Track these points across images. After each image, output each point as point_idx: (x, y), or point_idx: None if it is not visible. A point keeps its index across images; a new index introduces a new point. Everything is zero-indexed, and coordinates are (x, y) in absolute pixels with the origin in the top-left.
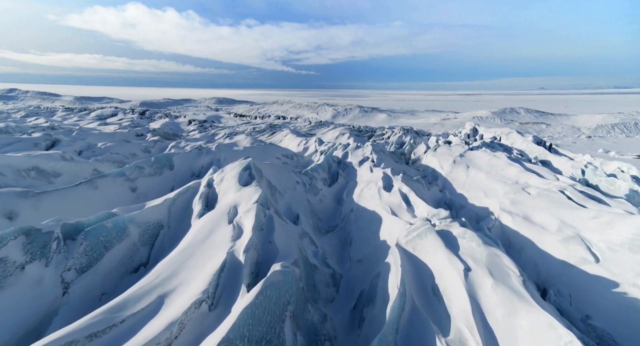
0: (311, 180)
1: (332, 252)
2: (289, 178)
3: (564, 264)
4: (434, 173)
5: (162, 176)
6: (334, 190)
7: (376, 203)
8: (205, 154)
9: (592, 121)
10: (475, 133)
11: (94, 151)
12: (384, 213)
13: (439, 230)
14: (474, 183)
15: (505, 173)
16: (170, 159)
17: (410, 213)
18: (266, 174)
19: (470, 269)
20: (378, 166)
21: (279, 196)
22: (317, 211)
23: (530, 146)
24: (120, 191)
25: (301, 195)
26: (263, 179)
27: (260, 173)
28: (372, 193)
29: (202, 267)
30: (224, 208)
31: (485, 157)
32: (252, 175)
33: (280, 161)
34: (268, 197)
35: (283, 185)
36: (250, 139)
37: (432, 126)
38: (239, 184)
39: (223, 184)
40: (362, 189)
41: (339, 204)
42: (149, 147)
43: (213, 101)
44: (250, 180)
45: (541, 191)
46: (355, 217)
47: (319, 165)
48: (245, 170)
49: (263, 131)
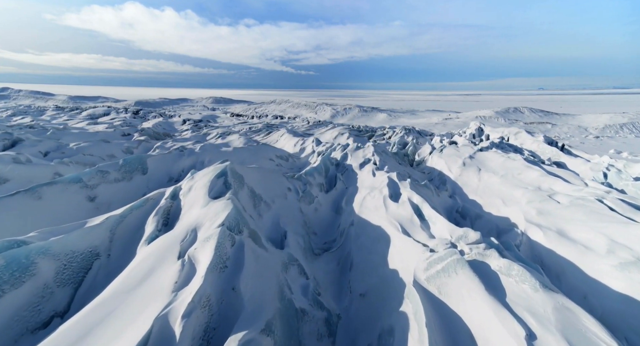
0: (305, 186)
1: (327, 281)
2: (278, 184)
3: (628, 301)
4: (441, 176)
5: (132, 181)
6: (331, 197)
7: (381, 215)
8: (187, 155)
9: (599, 120)
10: (481, 133)
11: (63, 152)
12: (392, 229)
13: (470, 260)
14: (488, 188)
15: (523, 177)
16: (143, 161)
17: (426, 231)
18: (249, 180)
19: (536, 337)
20: (381, 170)
21: (265, 207)
22: (312, 222)
23: (541, 146)
24: (74, 202)
25: (292, 205)
26: (244, 187)
27: (240, 179)
28: (377, 203)
29: (117, 338)
30: (180, 232)
31: (498, 159)
32: (228, 183)
33: (274, 162)
34: (242, 215)
35: (271, 193)
36: (243, 139)
37: (434, 126)
38: (208, 196)
39: (190, 195)
40: (364, 197)
41: (337, 213)
42: (131, 148)
43: (210, 100)
44: (224, 190)
45: (573, 199)
46: (357, 233)
47: (314, 168)
48: (220, 177)
49: (259, 130)
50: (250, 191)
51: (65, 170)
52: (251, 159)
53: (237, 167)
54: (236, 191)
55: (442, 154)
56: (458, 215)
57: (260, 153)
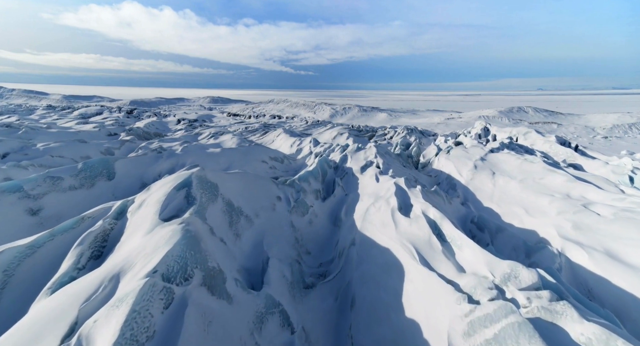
0: (298, 194)
1: (321, 328)
2: (265, 192)
3: None
4: (449, 179)
5: (94, 189)
6: (328, 206)
7: (390, 234)
8: (165, 158)
9: (606, 120)
10: (487, 133)
11: (26, 154)
12: (406, 255)
13: (532, 319)
14: (505, 194)
15: (547, 182)
16: (109, 165)
17: (451, 260)
18: (227, 190)
19: None
20: (385, 174)
21: (245, 223)
22: (305, 239)
23: (554, 147)
24: (9, 216)
25: (282, 218)
26: (217, 200)
27: (213, 190)
28: (383, 217)
29: None
30: (95, 279)
31: (514, 161)
32: (191, 197)
33: (267, 165)
34: (198, 248)
35: (255, 205)
36: (236, 140)
37: (436, 126)
38: (159, 217)
39: (139, 214)
40: (367, 208)
41: (335, 226)
42: (112, 148)
43: (207, 100)
44: (185, 206)
45: (618, 211)
46: (359, 256)
47: (309, 173)
48: (180, 189)
49: (255, 130)
50: (227, 203)
51: (20, 174)
52: (241, 162)
53: (210, 174)
54: (203, 206)
55: (450, 156)
56: (474, 226)
57: (252, 155)
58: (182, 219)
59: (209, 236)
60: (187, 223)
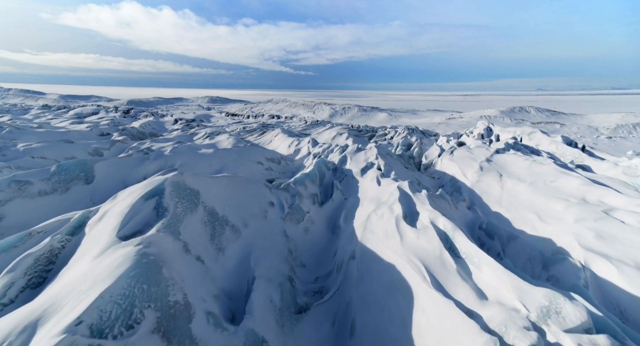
0: (294, 198)
1: None
2: (257, 198)
3: None
4: (454, 182)
5: (68, 194)
6: (326, 211)
7: (395, 247)
8: (152, 159)
9: (610, 120)
10: (490, 133)
11: (5, 155)
12: (414, 275)
13: None
14: (514, 198)
15: (559, 185)
16: (88, 167)
17: (468, 282)
18: (210, 197)
19: None
20: (387, 176)
21: (231, 235)
22: (299, 249)
23: (560, 147)
24: None
25: (274, 226)
26: (198, 209)
27: (193, 198)
28: (386, 226)
29: None
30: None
31: (522, 162)
32: (162, 208)
33: (263, 166)
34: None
35: (243, 213)
36: (233, 140)
37: (436, 126)
38: (116, 234)
39: (97, 228)
40: (368, 215)
41: (333, 233)
42: (101, 149)
43: (206, 100)
44: (154, 219)
45: None
46: (360, 272)
47: (306, 175)
48: (149, 198)
49: (253, 130)
50: (209, 213)
51: None
52: (235, 163)
53: (190, 179)
54: (178, 218)
55: (454, 157)
56: (482, 233)
57: (248, 155)
58: (142, 238)
59: (181, 256)
60: (147, 243)
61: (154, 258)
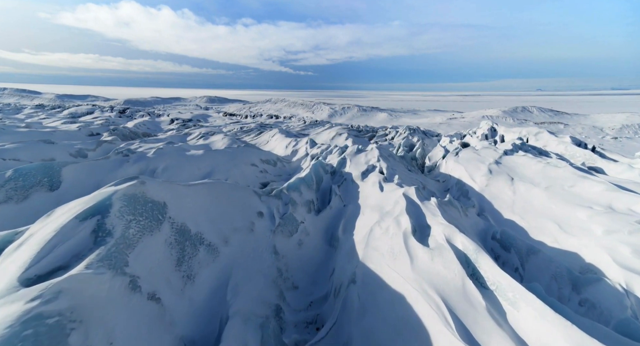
0: (287, 207)
1: None
2: (243, 207)
3: None
4: (460, 185)
5: (26, 203)
6: (323, 220)
7: (404, 271)
8: (132, 162)
9: (615, 120)
10: (494, 133)
11: None
12: (430, 313)
13: None
14: (529, 204)
15: (579, 190)
16: (54, 171)
17: (504, 328)
18: (181, 210)
19: None
20: (390, 181)
21: (206, 256)
22: (291, 268)
23: (570, 148)
24: None
25: (261, 242)
26: (162, 226)
27: (158, 212)
28: (393, 243)
29: None
30: None
31: (535, 165)
32: (103, 231)
33: (257, 168)
34: None
35: (225, 226)
36: (227, 140)
37: (438, 126)
38: (21, 274)
39: (7, 262)
40: (371, 228)
41: (331, 246)
42: (85, 150)
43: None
44: (90, 248)
45: None
46: (363, 302)
47: (301, 180)
48: (86, 219)
49: (250, 130)
50: (178, 231)
51: None
52: (227, 165)
53: (154, 190)
54: (128, 243)
55: (459, 159)
56: (496, 244)
57: (240, 157)
58: (50, 284)
59: (122, 298)
60: (52, 294)
61: (55, 320)
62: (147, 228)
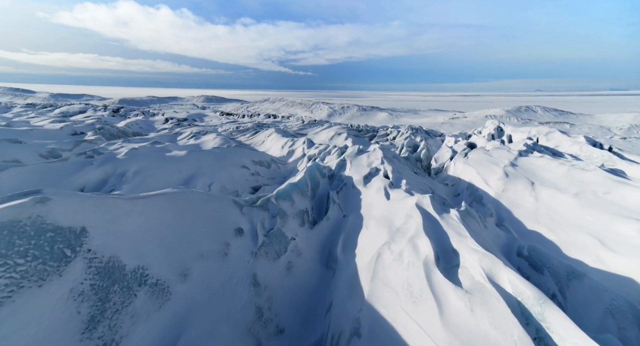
0: (274, 220)
1: None
2: (215, 225)
3: None
4: (472, 190)
5: None
6: (319, 236)
7: (432, 327)
8: (97, 165)
9: (623, 120)
10: (501, 133)
11: None
12: None
13: None
14: (556, 213)
15: (617, 198)
16: None
17: None
18: (114, 238)
19: None
20: (397, 187)
21: (150, 302)
22: (276, 302)
23: (585, 149)
24: None
25: (237, 269)
26: (69, 268)
27: (66, 245)
28: (410, 277)
29: None
30: None
31: (557, 167)
32: None
33: (249, 170)
34: None
35: (187, 253)
36: (220, 140)
37: (440, 126)
38: None
39: None
40: (379, 250)
41: (327, 268)
42: (59, 150)
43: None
44: None
45: None
46: None
47: (294, 186)
48: None
49: (246, 130)
50: (103, 270)
51: None
52: (212, 168)
53: (65, 209)
54: None
55: (469, 160)
56: (524, 263)
57: (230, 158)
58: None
59: None
60: None
61: None
62: (32, 275)
